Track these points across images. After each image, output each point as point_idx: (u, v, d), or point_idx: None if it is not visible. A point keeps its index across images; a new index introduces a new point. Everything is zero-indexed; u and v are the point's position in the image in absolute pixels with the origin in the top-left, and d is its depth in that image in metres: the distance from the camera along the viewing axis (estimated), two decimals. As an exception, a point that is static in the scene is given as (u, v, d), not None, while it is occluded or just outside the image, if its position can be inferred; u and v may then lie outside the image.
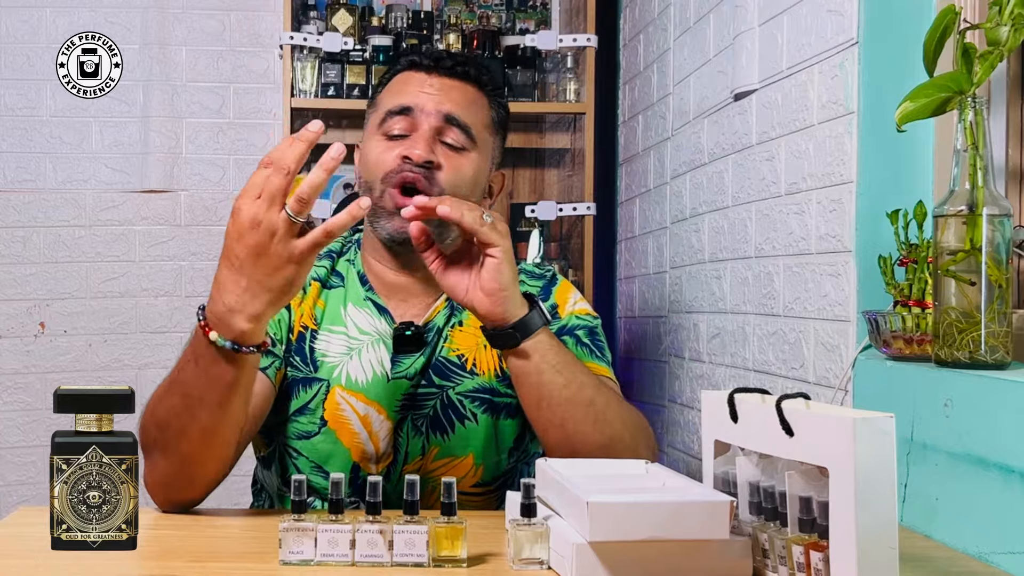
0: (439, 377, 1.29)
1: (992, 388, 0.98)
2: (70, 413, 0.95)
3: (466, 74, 1.31)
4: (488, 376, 1.31)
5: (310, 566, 0.89)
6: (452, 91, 1.29)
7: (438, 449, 1.28)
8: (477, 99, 1.32)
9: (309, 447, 1.26)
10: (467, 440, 1.28)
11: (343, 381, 1.27)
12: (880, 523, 0.75)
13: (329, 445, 1.26)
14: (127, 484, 0.94)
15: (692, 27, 2.08)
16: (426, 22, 2.69)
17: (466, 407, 1.29)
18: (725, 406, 0.90)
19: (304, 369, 1.27)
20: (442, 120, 1.26)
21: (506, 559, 0.90)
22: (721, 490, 0.91)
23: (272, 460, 1.32)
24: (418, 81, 1.30)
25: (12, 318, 2.72)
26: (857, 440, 0.74)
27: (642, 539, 0.82)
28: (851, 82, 1.38)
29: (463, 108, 1.29)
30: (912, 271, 1.19)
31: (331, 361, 1.27)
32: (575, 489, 0.86)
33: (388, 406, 1.27)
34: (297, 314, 1.29)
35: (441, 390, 1.29)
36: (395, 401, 1.27)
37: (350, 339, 1.29)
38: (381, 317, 1.29)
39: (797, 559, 0.82)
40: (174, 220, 2.79)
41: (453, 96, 1.29)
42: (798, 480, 0.82)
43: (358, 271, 1.33)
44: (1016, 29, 1.01)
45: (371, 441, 1.26)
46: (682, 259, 2.14)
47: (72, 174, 2.76)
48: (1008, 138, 1.23)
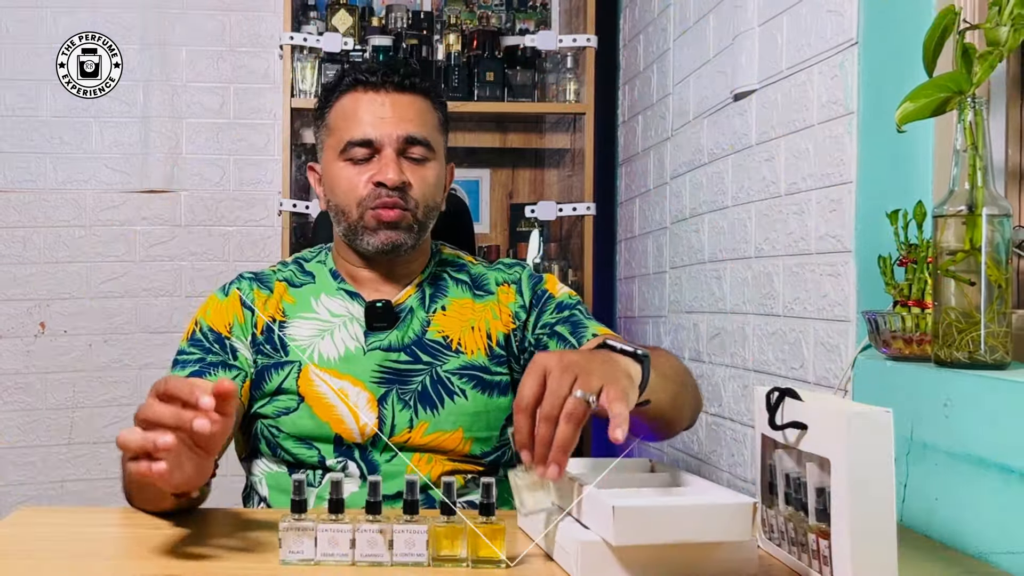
0: (425, 354, 1.34)
1: (992, 388, 0.98)
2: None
3: (414, 86, 1.37)
4: (478, 354, 1.36)
5: (310, 566, 0.89)
6: (406, 109, 1.35)
7: (427, 424, 1.31)
8: (426, 108, 1.38)
9: (290, 423, 1.31)
10: (456, 415, 1.32)
11: (316, 359, 1.33)
12: (878, 515, 0.76)
13: (308, 420, 1.30)
14: None
15: (692, 27, 2.08)
16: (426, 22, 2.69)
17: (455, 384, 1.33)
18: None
19: (275, 355, 1.33)
20: (403, 143, 1.33)
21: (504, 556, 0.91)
22: (768, 481, 0.92)
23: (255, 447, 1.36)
24: (370, 103, 1.35)
25: (12, 318, 2.72)
26: (852, 434, 0.76)
27: (667, 542, 0.83)
28: (851, 82, 1.38)
29: (419, 124, 1.35)
30: (912, 271, 1.19)
31: (302, 344, 1.34)
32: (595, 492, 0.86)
33: (364, 377, 1.32)
34: (262, 311, 1.36)
35: (429, 367, 1.34)
36: (372, 373, 1.32)
37: (321, 323, 1.36)
38: (353, 301, 1.37)
39: (812, 547, 0.84)
40: (174, 220, 2.79)
41: (408, 114, 1.35)
42: (815, 471, 0.83)
43: (330, 268, 1.42)
44: (1016, 29, 1.01)
45: (351, 414, 1.30)
46: (682, 259, 2.14)
47: (72, 174, 2.76)
48: (1008, 138, 1.23)
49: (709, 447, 1.96)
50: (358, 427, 1.30)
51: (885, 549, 0.76)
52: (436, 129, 1.39)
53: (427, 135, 1.35)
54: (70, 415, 2.74)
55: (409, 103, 1.36)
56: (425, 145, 1.35)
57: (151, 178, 2.78)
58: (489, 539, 0.88)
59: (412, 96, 1.37)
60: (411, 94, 1.37)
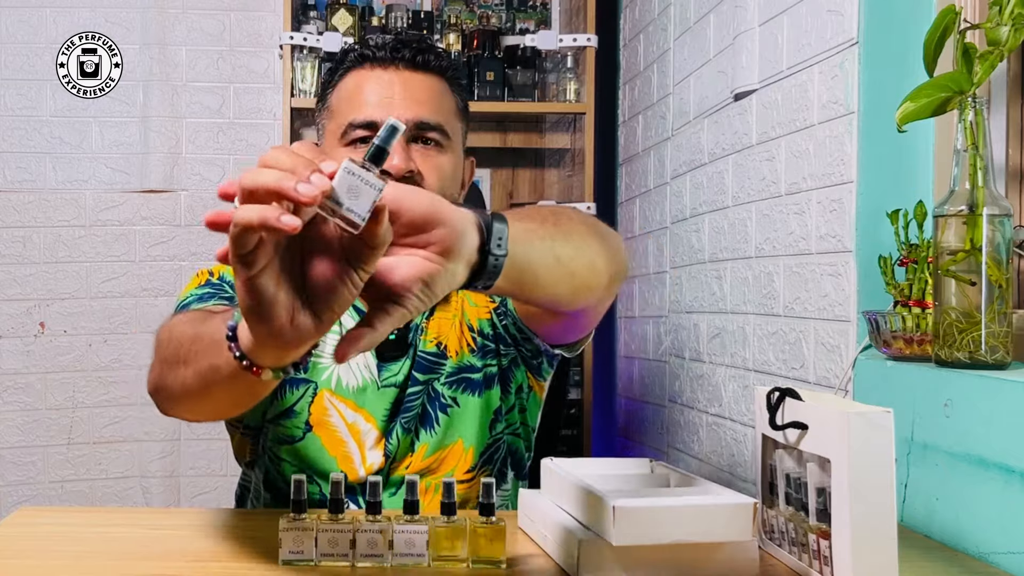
0: (423, 373, 1.23)
1: (992, 388, 0.98)
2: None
3: (426, 63, 1.20)
4: (463, 354, 1.25)
5: (310, 566, 0.89)
6: (417, 89, 1.19)
7: (428, 445, 1.22)
8: (442, 89, 1.22)
9: (292, 452, 1.20)
10: (454, 426, 1.23)
11: (332, 385, 1.21)
12: (878, 515, 0.77)
13: (314, 451, 1.20)
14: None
15: (692, 27, 2.08)
16: (426, 22, 2.69)
17: (446, 395, 1.23)
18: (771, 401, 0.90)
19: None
20: (413, 128, 1.18)
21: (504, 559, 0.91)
22: (769, 482, 0.92)
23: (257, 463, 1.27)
24: (376, 82, 1.19)
25: (12, 318, 2.72)
26: (853, 434, 0.76)
27: (668, 543, 0.83)
28: (851, 82, 1.38)
29: (432, 107, 1.19)
30: (912, 271, 1.19)
31: (324, 362, 1.22)
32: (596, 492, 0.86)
33: (377, 415, 1.21)
34: None
35: (426, 385, 1.23)
36: (383, 410, 1.22)
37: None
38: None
39: (812, 547, 0.84)
40: (174, 220, 2.79)
41: (419, 95, 1.19)
42: (815, 471, 0.83)
43: None
44: (1016, 29, 1.01)
45: (359, 450, 1.20)
46: (682, 259, 2.14)
47: (72, 174, 2.76)
48: (1008, 138, 1.23)
49: (709, 447, 1.96)
50: (364, 468, 1.20)
51: (885, 549, 0.76)
52: (453, 115, 1.23)
53: (442, 120, 1.19)
54: (70, 415, 2.74)
55: (422, 83, 1.20)
56: (439, 131, 1.19)
57: (151, 178, 2.78)
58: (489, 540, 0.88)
59: (425, 75, 1.21)
60: (424, 73, 1.20)
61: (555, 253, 0.89)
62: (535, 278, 0.87)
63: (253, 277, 0.65)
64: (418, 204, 0.70)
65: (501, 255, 0.77)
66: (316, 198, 0.62)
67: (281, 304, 0.67)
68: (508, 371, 1.29)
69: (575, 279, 0.94)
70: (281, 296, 0.67)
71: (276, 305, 0.67)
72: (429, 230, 0.70)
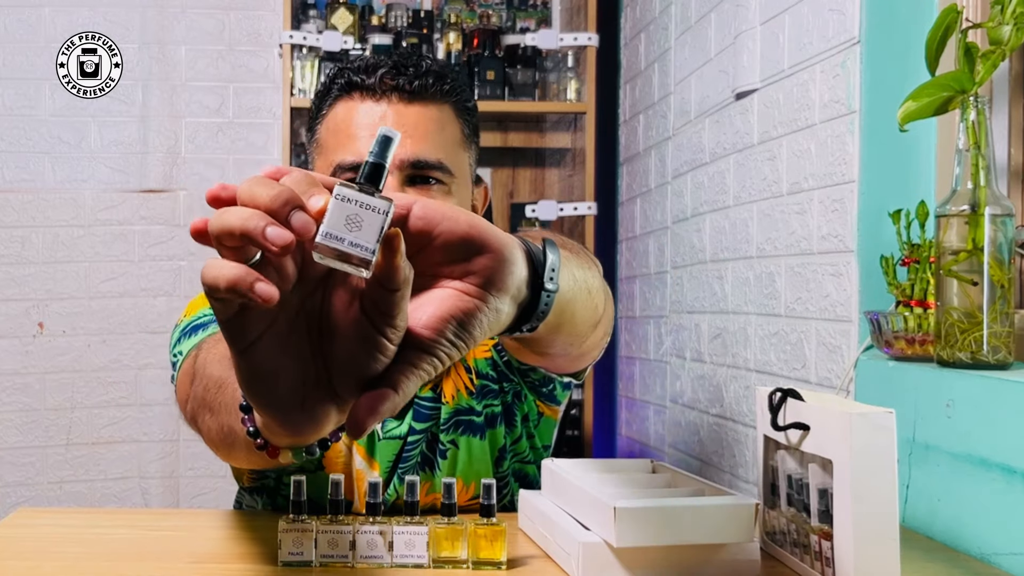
0: (421, 421, 1.18)
1: (994, 388, 0.97)
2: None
3: (424, 89, 1.09)
4: (459, 397, 1.19)
5: (310, 567, 0.89)
6: (413, 124, 1.08)
7: (428, 485, 1.19)
8: (444, 119, 1.11)
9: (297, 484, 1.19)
10: (451, 469, 1.19)
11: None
12: (880, 516, 0.76)
13: (323, 481, 1.12)
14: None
15: (693, 26, 2.07)
16: (426, 21, 2.69)
17: (443, 440, 1.18)
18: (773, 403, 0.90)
19: None
20: (410, 168, 1.07)
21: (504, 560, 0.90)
22: (770, 483, 0.92)
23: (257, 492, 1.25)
24: (366, 116, 1.08)
25: (11, 318, 2.72)
26: (855, 435, 0.76)
27: (669, 544, 0.82)
28: (853, 81, 1.38)
29: (432, 142, 1.08)
30: (914, 271, 1.19)
31: None
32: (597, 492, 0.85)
33: (383, 464, 1.18)
34: None
35: (425, 433, 1.18)
36: (387, 461, 1.18)
37: None
38: None
39: (814, 548, 0.83)
40: (173, 220, 2.79)
41: (417, 131, 1.07)
42: (817, 472, 0.83)
43: None
44: (1018, 28, 1.01)
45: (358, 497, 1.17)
46: (683, 259, 2.14)
47: (71, 174, 2.75)
48: (1010, 137, 1.23)
49: (711, 448, 1.96)
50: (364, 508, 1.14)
51: (887, 550, 0.76)
52: (458, 144, 1.12)
53: (443, 156, 1.09)
54: (69, 415, 2.73)
55: (419, 115, 1.09)
56: (441, 169, 1.09)
57: (150, 177, 2.77)
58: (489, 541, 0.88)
59: (423, 106, 1.09)
60: (421, 103, 1.09)
61: (587, 285, 0.76)
62: (572, 317, 0.72)
63: (244, 350, 0.52)
64: (456, 223, 0.54)
65: (553, 291, 0.62)
66: (289, 245, 0.47)
67: (287, 381, 0.53)
68: (512, 405, 1.24)
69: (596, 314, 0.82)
70: (286, 370, 0.53)
71: (279, 382, 0.53)
72: (469, 257, 0.54)
